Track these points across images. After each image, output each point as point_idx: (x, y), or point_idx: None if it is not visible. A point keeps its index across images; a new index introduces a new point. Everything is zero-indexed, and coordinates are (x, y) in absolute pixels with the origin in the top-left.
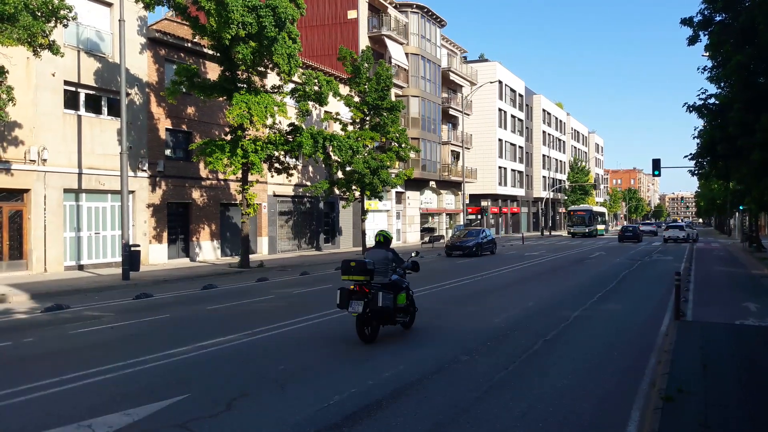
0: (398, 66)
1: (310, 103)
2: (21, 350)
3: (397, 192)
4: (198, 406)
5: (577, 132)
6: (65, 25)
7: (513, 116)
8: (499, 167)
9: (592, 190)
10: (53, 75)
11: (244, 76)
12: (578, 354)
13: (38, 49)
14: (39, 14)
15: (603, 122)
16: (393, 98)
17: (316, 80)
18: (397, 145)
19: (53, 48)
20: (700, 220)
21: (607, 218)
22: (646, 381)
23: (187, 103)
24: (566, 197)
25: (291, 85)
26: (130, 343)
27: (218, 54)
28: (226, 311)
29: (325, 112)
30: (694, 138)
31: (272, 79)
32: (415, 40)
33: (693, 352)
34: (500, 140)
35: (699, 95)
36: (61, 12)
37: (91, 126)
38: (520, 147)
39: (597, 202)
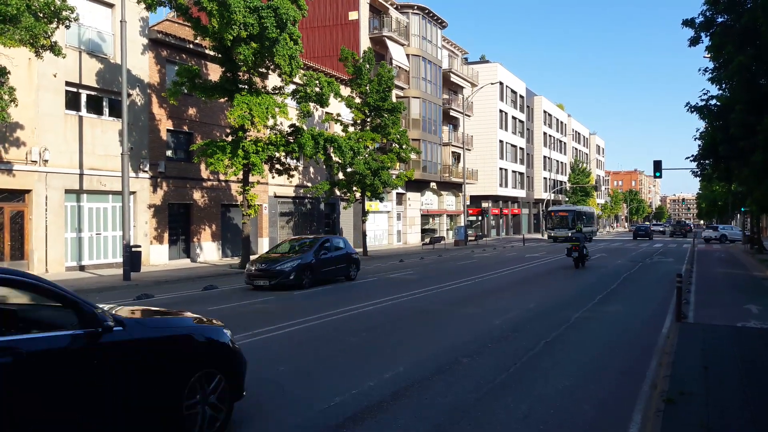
0: (399, 67)
1: (311, 104)
2: None
3: (397, 193)
4: None
5: (578, 133)
6: (67, 26)
7: (514, 117)
8: (500, 168)
9: (593, 192)
10: (55, 76)
11: (246, 77)
12: (579, 356)
13: (40, 50)
14: (41, 15)
15: (604, 123)
16: (394, 99)
17: (317, 81)
18: (398, 146)
19: (55, 49)
20: (701, 222)
21: (596, 220)
22: (647, 383)
23: (189, 104)
24: (567, 199)
25: (292, 86)
26: None
27: (220, 55)
28: (226, 312)
29: (326, 113)
30: (696, 140)
31: (273, 80)
32: (416, 41)
33: (695, 354)
34: (501, 141)
35: (701, 96)
36: (63, 13)
37: (92, 127)
38: (521, 148)
39: (598, 204)
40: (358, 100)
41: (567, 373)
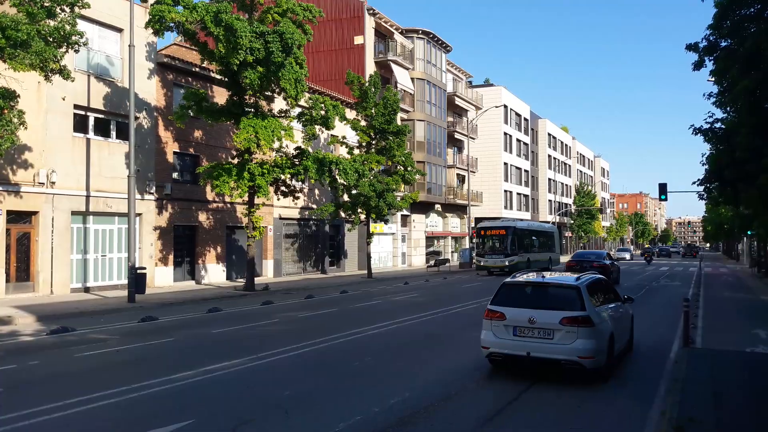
0: (404, 90)
1: (317, 127)
2: (25, 373)
3: (402, 215)
4: None
5: (583, 156)
6: (76, 51)
7: (518, 140)
8: (505, 191)
9: (598, 214)
10: (63, 99)
11: (252, 101)
12: (585, 379)
13: (49, 74)
14: (51, 40)
15: (609, 146)
16: (399, 122)
17: (322, 104)
18: (402, 168)
19: (64, 73)
20: (707, 245)
21: (557, 241)
22: (656, 409)
23: (195, 127)
24: (572, 221)
25: (298, 110)
26: (135, 366)
27: (226, 79)
28: (231, 335)
29: (332, 135)
30: (702, 164)
31: (279, 103)
32: (420, 65)
33: (704, 380)
34: (506, 164)
35: (706, 119)
36: (73, 38)
37: (99, 149)
38: (526, 171)
39: (603, 227)
40: (363, 123)
41: (575, 399)
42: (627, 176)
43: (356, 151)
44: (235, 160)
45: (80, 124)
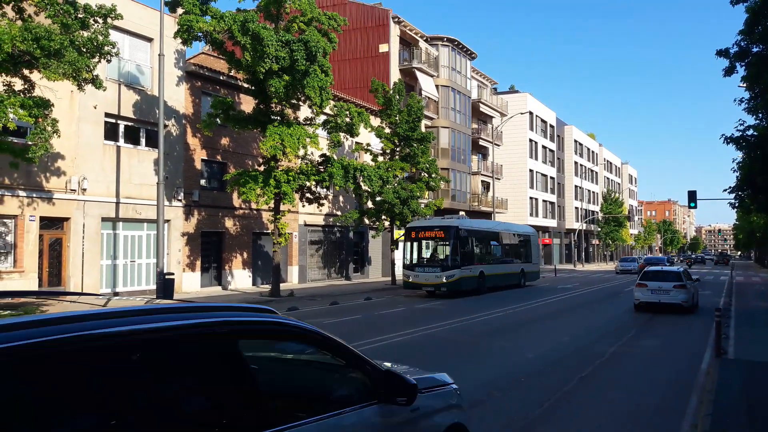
0: (428, 97)
1: (342, 134)
2: None
3: None
4: None
5: (610, 163)
6: (108, 61)
7: (544, 147)
8: (530, 198)
9: (626, 222)
10: (95, 107)
11: (278, 109)
12: (615, 393)
13: (82, 83)
14: (84, 50)
15: (637, 153)
16: (423, 129)
17: (347, 112)
18: (427, 175)
19: (96, 82)
20: (738, 254)
21: (534, 247)
22: (687, 422)
23: (222, 135)
24: (600, 228)
25: (323, 117)
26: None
27: (252, 87)
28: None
29: (356, 142)
30: (733, 171)
31: (305, 111)
32: (445, 72)
33: (736, 392)
34: (531, 171)
35: (737, 127)
36: (105, 48)
37: (129, 156)
38: (552, 178)
39: (631, 235)
40: (387, 130)
41: (603, 411)
42: (655, 183)
43: (380, 158)
44: (262, 168)
45: (111, 132)
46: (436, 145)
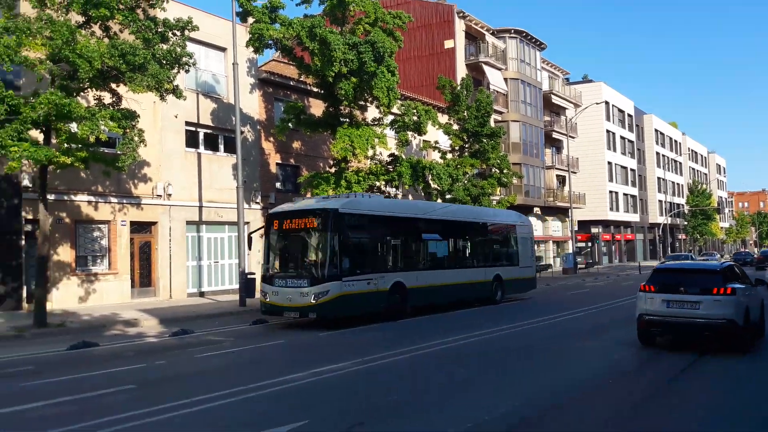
0: (497, 91)
1: (409, 133)
2: (153, 372)
3: None
4: None
5: (695, 152)
6: (186, 71)
7: (622, 137)
8: (610, 191)
9: (715, 215)
10: (176, 117)
11: (347, 111)
12: (725, 400)
13: (164, 94)
14: (164, 62)
15: (725, 141)
16: (492, 124)
17: (414, 110)
18: (498, 171)
19: (177, 92)
20: None
21: (522, 243)
22: None
23: (294, 138)
24: (686, 222)
25: (390, 117)
26: (249, 367)
27: (322, 91)
28: (338, 338)
29: (424, 140)
30: None
31: (372, 111)
32: (513, 64)
33: None
34: (609, 163)
35: None
36: (183, 59)
37: (209, 162)
38: (632, 170)
39: (721, 228)
40: (456, 127)
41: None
42: (747, 173)
43: (449, 156)
44: (333, 169)
45: (191, 140)
46: (506, 140)
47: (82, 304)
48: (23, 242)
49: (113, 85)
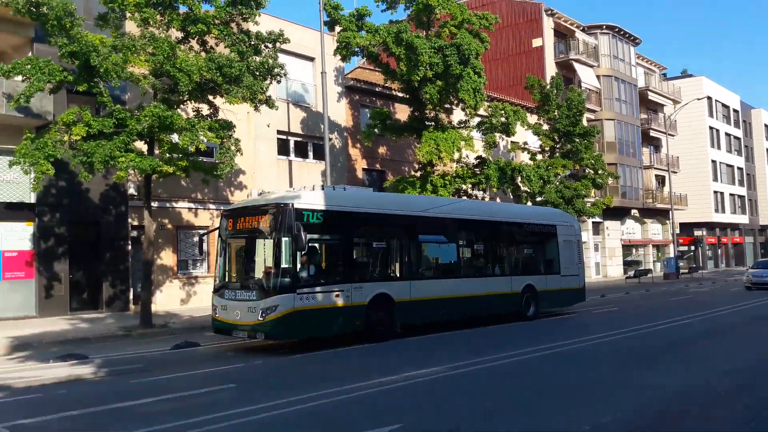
0: (589, 89)
1: (497, 135)
2: (252, 372)
3: (594, 222)
4: None
5: None
6: (278, 82)
7: (728, 134)
8: (714, 192)
9: None
10: (268, 126)
11: (432, 115)
12: None
13: (258, 105)
14: (258, 74)
15: None
16: (585, 123)
17: (502, 111)
18: (592, 171)
19: (269, 102)
20: None
21: (559, 247)
22: None
23: (380, 144)
24: None
25: (477, 119)
26: (346, 370)
27: (407, 95)
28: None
29: (512, 142)
30: None
31: (458, 114)
32: (606, 61)
33: None
34: (713, 161)
35: None
36: (276, 70)
37: (299, 169)
38: (739, 168)
39: None
40: (545, 127)
41: None
42: None
43: (539, 157)
44: (418, 173)
45: (282, 148)
46: (600, 139)
47: (184, 305)
48: (130, 247)
49: (210, 97)
